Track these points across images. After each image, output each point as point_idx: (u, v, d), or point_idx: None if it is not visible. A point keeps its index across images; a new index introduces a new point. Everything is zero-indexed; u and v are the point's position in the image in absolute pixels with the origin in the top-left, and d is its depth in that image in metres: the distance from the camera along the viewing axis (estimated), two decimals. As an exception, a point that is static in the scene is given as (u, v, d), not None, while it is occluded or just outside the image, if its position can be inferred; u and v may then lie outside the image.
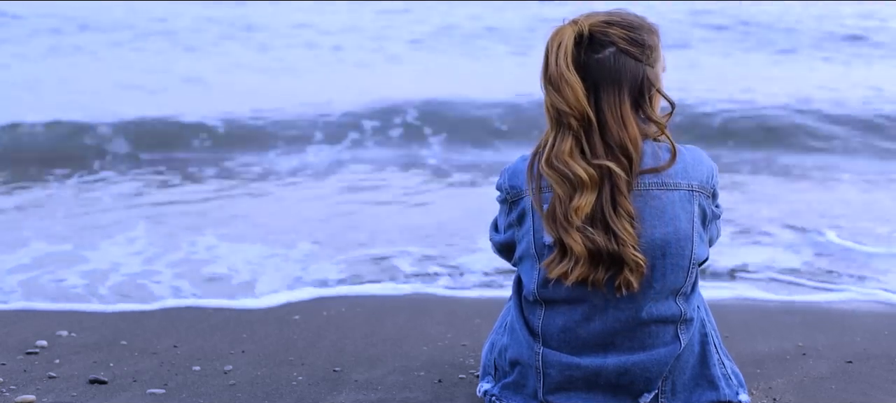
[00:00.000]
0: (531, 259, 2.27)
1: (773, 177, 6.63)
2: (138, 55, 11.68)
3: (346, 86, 9.64)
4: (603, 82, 2.17)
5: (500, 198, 2.36)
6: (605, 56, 2.18)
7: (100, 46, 12.16)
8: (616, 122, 2.16)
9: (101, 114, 7.93)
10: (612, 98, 2.17)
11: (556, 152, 2.16)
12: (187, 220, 5.26)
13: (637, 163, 2.17)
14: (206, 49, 12.15)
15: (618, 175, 2.14)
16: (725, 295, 3.86)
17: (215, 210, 5.59)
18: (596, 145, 2.15)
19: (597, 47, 2.19)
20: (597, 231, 2.14)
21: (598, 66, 2.18)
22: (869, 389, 2.74)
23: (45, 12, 14.14)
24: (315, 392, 2.71)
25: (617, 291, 2.18)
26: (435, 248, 4.62)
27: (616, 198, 2.14)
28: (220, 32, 13.28)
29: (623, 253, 2.14)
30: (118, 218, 5.29)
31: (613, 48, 2.18)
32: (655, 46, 2.24)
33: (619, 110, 2.17)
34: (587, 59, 2.18)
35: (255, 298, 3.83)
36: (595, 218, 2.14)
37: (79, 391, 2.70)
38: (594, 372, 2.25)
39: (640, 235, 2.17)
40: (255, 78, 10.39)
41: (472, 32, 13.38)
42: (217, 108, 8.28)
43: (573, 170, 2.13)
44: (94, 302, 3.81)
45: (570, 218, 2.13)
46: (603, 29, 2.19)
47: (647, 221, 2.18)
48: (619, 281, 2.17)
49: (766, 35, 13.26)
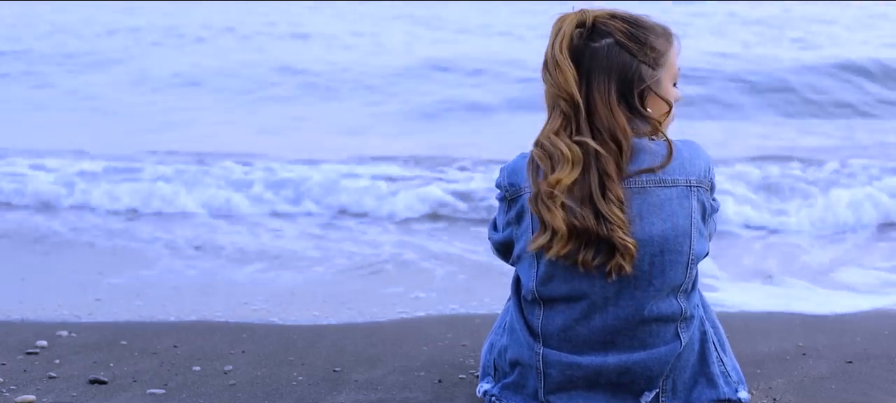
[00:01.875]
0: (529, 257, 2.27)
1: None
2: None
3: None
4: (594, 70, 2.21)
5: (499, 196, 2.36)
6: (601, 46, 2.21)
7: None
8: (605, 109, 2.19)
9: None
10: (602, 86, 2.20)
11: (546, 132, 2.22)
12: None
13: (627, 151, 2.18)
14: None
15: (605, 158, 2.16)
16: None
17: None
18: (582, 127, 2.19)
19: (595, 36, 2.22)
20: (585, 212, 2.15)
21: (593, 55, 2.21)
22: (869, 389, 2.74)
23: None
24: (315, 392, 2.71)
25: (608, 276, 2.19)
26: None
27: (604, 183, 2.16)
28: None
29: (613, 237, 2.15)
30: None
31: (611, 39, 2.21)
32: (663, 51, 2.25)
33: (607, 99, 2.20)
34: (584, 46, 2.22)
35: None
36: (583, 201, 2.16)
37: (79, 391, 2.70)
38: (595, 371, 2.25)
39: (637, 230, 2.18)
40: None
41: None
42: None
43: (556, 145, 2.18)
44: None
45: (552, 193, 2.16)
46: (605, 20, 2.23)
47: (645, 218, 2.19)
48: (611, 266, 2.18)
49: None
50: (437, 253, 4.70)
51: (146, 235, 5.08)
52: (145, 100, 10.15)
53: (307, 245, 4.90)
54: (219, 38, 14.29)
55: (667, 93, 2.27)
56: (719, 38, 13.28)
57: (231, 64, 11.89)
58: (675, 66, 2.30)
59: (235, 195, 5.81)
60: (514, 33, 14.31)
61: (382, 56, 12.47)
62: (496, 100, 9.75)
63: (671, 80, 2.29)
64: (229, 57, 12.46)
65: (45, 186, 6.01)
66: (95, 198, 5.82)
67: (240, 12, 16.62)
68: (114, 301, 3.82)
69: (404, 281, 4.17)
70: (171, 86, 10.88)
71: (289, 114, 9.43)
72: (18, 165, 6.64)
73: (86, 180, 6.15)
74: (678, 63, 2.31)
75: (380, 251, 4.78)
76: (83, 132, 8.50)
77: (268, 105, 9.90)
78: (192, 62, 12.14)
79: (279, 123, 8.94)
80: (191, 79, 11.14)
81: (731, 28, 14.32)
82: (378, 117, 9.26)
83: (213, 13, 16.43)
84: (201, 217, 5.55)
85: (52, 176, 6.30)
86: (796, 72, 10.32)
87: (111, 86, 10.93)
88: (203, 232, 5.17)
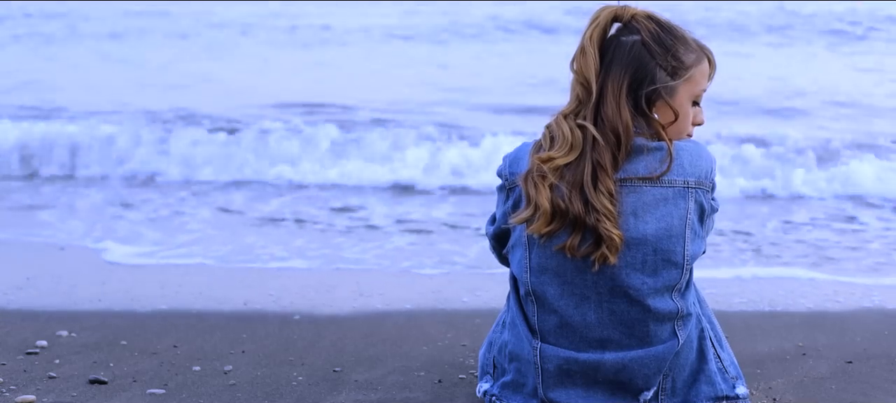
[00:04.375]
0: (522, 247, 2.28)
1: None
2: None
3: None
4: (614, 63, 2.25)
5: (499, 185, 2.37)
6: (628, 41, 2.25)
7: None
8: (613, 101, 2.22)
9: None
10: (616, 79, 2.23)
11: (558, 114, 2.27)
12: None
13: (625, 146, 2.20)
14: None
15: (602, 148, 2.18)
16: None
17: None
18: (588, 115, 2.23)
19: (625, 32, 2.27)
20: (574, 197, 2.17)
21: (617, 48, 2.25)
22: (869, 389, 2.74)
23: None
24: (315, 392, 2.71)
25: (592, 266, 2.20)
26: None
27: (597, 173, 2.18)
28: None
29: (599, 227, 2.16)
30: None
31: (637, 37, 2.25)
32: (687, 64, 2.27)
33: (618, 92, 2.23)
34: (614, 39, 2.27)
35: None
36: (574, 186, 2.18)
37: (79, 391, 2.70)
38: (592, 368, 2.26)
39: (632, 228, 2.19)
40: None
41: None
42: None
43: (560, 126, 2.24)
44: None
45: (540, 167, 2.19)
46: (641, 19, 2.27)
47: (639, 216, 2.20)
48: (596, 257, 2.19)
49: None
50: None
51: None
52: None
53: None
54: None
55: (679, 105, 2.27)
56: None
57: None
58: (700, 85, 2.30)
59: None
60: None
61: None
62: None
63: (690, 96, 2.29)
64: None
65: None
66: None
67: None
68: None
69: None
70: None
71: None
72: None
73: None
74: (706, 84, 2.32)
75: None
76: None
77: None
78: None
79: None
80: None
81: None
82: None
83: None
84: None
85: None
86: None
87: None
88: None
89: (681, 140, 2.28)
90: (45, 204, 5.72)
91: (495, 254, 2.49)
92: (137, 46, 12.65)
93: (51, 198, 5.92)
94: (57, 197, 5.94)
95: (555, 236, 2.21)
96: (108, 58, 11.90)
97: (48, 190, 6.16)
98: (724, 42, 11.75)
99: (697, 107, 2.34)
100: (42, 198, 5.93)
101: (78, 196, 5.97)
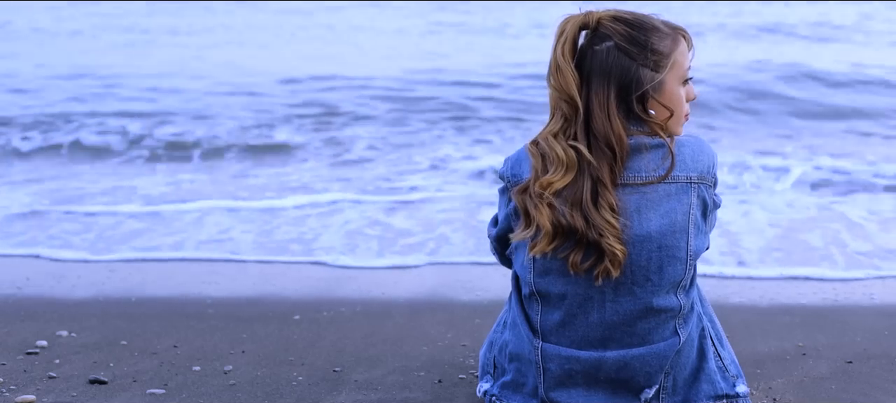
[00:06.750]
0: (525, 248, 2.27)
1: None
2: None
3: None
4: (594, 74, 2.21)
5: (501, 188, 2.37)
6: (602, 49, 2.21)
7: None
8: (602, 114, 2.19)
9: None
10: (600, 91, 2.20)
11: (544, 133, 2.23)
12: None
13: (621, 157, 2.18)
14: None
15: (599, 166, 2.17)
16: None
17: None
18: (579, 132, 2.20)
19: (597, 40, 2.23)
20: (574, 214, 2.16)
21: (594, 59, 2.22)
22: (869, 389, 2.74)
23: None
24: (315, 392, 2.71)
25: (595, 280, 2.20)
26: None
27: (597, 190, 2.17)
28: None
29: (601, 243, 2.15)
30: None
31: (611, 42, 2.21)
32: (666, 53, 2.23)
33: (606, 104, 2.20)
34: (587, 49, 2.23)
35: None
36: (574, 205, 2.17)
37: (79, 391, 2.70)
38: (594, 366, 2.26)
39: (635, 227, 2.18)
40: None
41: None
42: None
43: (552, 147, 2.19)
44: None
45: (541, 192, 2.17)
46: (608, 23, 2.23)
47: (642, 214, 2.19)
48: (598, 271, 2.18)
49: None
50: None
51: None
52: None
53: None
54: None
55: (670, 96, 2.25)
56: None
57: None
58: (684, 66, 2.27)
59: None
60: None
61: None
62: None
63: (678, 81, 2.26)
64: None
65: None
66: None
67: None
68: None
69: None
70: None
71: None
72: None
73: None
74: (689, 61, 2.28)
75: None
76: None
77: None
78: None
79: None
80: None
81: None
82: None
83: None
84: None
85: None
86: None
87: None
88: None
89: (681, 135, 2.27)
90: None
91: (497, 256, 2.49)
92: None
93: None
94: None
95: (558, 251, 2.20)
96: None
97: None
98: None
99: (688, 84, 2.31)
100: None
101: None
